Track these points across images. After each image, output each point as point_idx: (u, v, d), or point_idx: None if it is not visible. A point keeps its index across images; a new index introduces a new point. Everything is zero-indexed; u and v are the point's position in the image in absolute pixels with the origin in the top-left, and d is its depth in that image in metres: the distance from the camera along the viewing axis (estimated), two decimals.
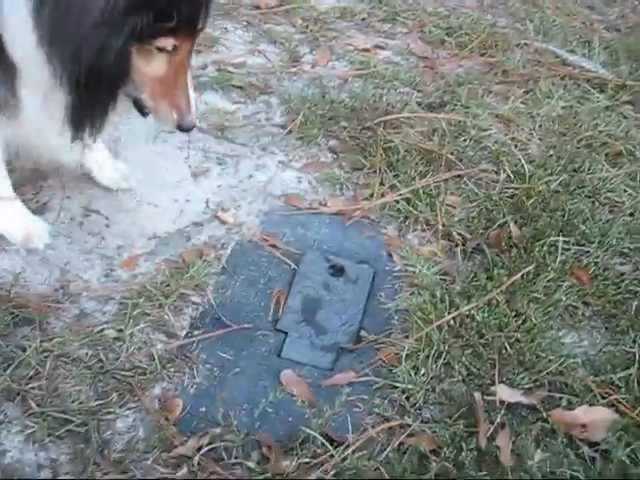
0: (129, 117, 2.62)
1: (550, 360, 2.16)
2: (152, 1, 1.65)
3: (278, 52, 3.54)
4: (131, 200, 2.58)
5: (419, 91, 3.35)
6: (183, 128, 2.01)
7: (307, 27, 3.76)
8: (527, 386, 2.10)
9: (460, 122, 3.11)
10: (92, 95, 1.81)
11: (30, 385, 1.93)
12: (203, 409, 1.98)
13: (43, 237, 2.37)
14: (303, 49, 3.60)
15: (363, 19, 3.93)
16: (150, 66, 1.84)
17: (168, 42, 1.79)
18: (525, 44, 3.86)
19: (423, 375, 2.10)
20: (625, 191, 2.87)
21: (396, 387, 2.08)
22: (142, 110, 2.01)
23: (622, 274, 2.51)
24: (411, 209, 2.66)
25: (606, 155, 3.07)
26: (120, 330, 2.12)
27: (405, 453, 1.92)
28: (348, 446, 1.91)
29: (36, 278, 2.26)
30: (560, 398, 2.07)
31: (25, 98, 1.92)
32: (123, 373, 2.01)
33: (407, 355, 2.14)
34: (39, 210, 2.48)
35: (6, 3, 1.71)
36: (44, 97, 1.90)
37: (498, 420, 1.99)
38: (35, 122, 2.00)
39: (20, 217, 2.36)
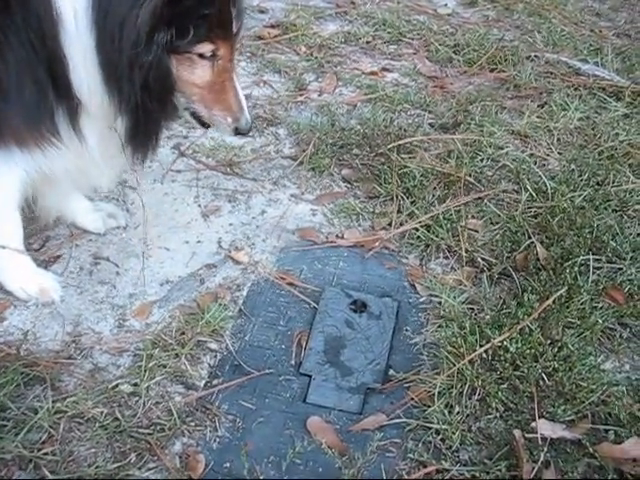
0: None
1: (591, 389, 2.03)
2: (170, 21, 1.76)
3: (284, 81, 3.48)
4: (141, 244, 2.49)
5: (430, 112, 3.27)
6: (240, 131, 2.10)
7: (311, 54, 3.70)
8: (569, 419, 1.98)
9: (475, 142, 3.01)
10: (145, 112, 1.90)
11: (43, 450, 1.82)
12: (227, 464, 1.86)
13: (57, 289, 2.30)
14: (309, 77, 3.53)
15: (368, 42, 3.87)
16: (194, 74, 1.94)
17: (206, 48, 1.89)
18: (535, 56, 3.79)
19: (458, 414, 1.98)
20: None
21: (430, 428, 1.96)
22: (202, 122, 2.11)
23: None
24: (432, 236, 2.56)
25: (630, 166, 2.97)
26: (135, 384, 2.02)
27: None
28: None
29: (46, 333, 2.17)
30: (606, 430, 1.95)
31: (86, 132, 1.99)
32: (141, 431, 1.90)
33: (439, 393, 2.02)
34: (48, 261, 2.40)
35: (75, 51, 1.82)
36: (101, 130, 2.00)
37: (542, 459, 1.86)
38: (92, 154, 2.06)
39: (30, 272, 2.29)
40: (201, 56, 1.91)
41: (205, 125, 2.12)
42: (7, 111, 1.90)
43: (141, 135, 2.00)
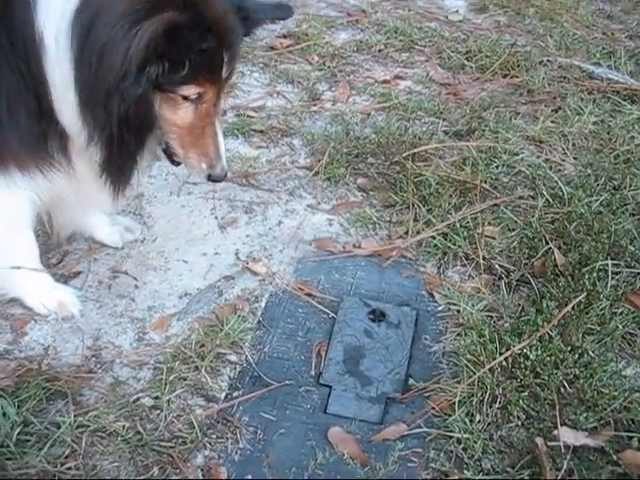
0: (151, 174, 2.61)
1: (613, 396, 2.02)
2: (163, 54, 1.69)
3: (297, 92, 3.49)
4: (159, 257, 2.51)
5: (444, 119, 3.26)
6: (213, 178, 2.03)
7: (324, 64, 3.71)
8: (591, 426, 1.97)
9: (490, 148, 3.01)
10: (121, 145, 1.85)
11: (66, 465, 1.83)
12: (249, 477, 1.86)
13: (76, 303, 2.31)
14: (322, 86, 3.54)
15: (380, 50, 3.87)
16: (176, 114, 1.88)
17: (191, 90, 1.83)
18: (548, 61, 3.78)
19: (479, 422, 1.97)
20: None
21: (451, 437, 1.96)
22: (173, 159, 2.03)
23: None
24: (449, 244, 2.55)
25: None
26: (157, 397, 2.02)
27: None
28: None
29: (67, 347, 2.18)
30: (629, 437, 1.94)
31: (75, 159, 1.97)
32: (163, 444, 1.91)
33: (460, 401, 2.02)
34: (68, 276, 2.42)
35: (56, 76, 1.78)
36: (89, 157, 1.94)
37: (565, 467, 1.86)
38: (82, 179, 2.03)
39: (48, 287, 2.30)
40: (185, 98, 1.85)
41: (175, 163, 2.06)
42: (3, 136, 1.90)
43: (115, 168, 1.94)
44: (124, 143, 1.84)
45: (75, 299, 2.32)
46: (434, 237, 2.58)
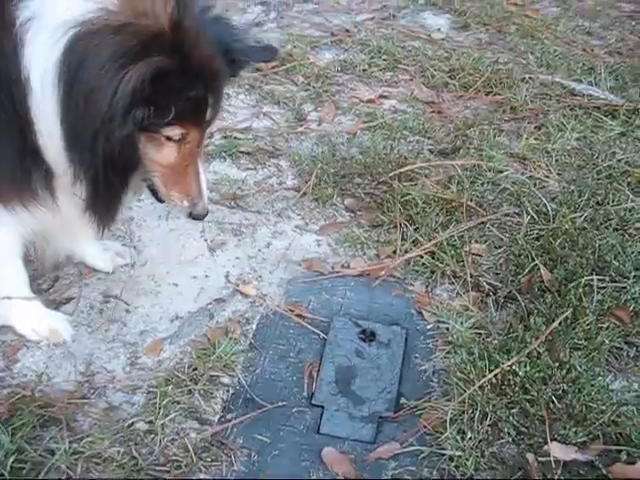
0: (139, 198, 2.62)
1: (601, 410, 2.05)
2: (149, 99, 1.69)
3: (283, 112, 3.52)
4: (149, 281, 2.52)
5: (429, 138, 3.30)
6: (194, 216, 2.06)
7: (309, 84, 3.74)
8: (581, 440, 2.00)
9: (475, 166, 3.05)
10: (107, 184, 1.86)
11: None
12: None
13: (68, 329, 2.32)
14: (307, 107, 3.57)
15: (364, 70, 3.91)
16: (160, 154, 1.89)
17: (175, 132, 1.85)
18: (530, 78, 3.83)
19: (470, 439, 1.99)
20: None
21: (443, 455, 1.98)
22: (158, 197, 2.06)
23: None
24: (437, 263, 2.58)
25: (628, 184, 3.01)
26: (151, 422, 2.03)
27: None
28: None
29: (60, 373, 2.19)
30: (618, 451, 1.97)
31: (60, 196, 2.00)
32: (158, 469, 1.92)
33: (451, 419, 2.04)
34: (59, 301, 2.43)
35: (41, 116, 1.79)
36: (74, 195, 1.96)
37: None
38: (67, 214, 2.06)
39: (40, 314, 2.31)
40: (169, 138, 1.87)
41: (161, 200, 2.09)
42: None
43: (100, 206, 1.96)
44: (109, 182, 1.86)
45: (67, 325, 2.33)
46: (422, 256, 2.61)
